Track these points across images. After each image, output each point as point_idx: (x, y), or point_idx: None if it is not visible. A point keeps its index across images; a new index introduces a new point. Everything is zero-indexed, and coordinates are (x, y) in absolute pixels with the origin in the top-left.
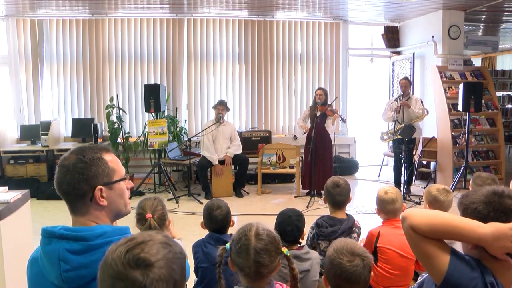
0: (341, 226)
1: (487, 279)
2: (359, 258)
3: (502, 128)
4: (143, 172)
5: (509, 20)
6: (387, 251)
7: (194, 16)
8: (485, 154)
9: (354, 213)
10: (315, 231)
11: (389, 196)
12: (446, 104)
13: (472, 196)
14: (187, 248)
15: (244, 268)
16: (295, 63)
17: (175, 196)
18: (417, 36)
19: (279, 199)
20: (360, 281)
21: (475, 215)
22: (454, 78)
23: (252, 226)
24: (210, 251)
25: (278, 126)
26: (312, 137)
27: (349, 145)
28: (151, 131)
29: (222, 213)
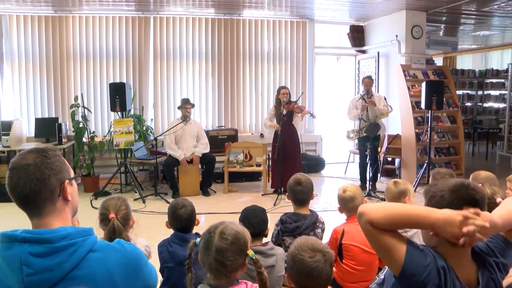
0: (304, 221)
1: (439, 264)
2: (320, 254)
3: (462, 126)
4: (109, 172)
5: (467, 22)
6: (351, 248)
7: (160, 14)
8: (447, 150)
9: (320, 210)
10: (279, 227)
11: (348, 194)
12: (410, 102)
13: (441, 185)
14: (152, 248)
15: (206, 264)
16: (262, 61)
17: (141, 195)
18: (382, 36)
19: (246, 198)
20: (322, 276)
21: (440, 202)
22: (417, 77)
23: (220, 224)
24: (175, 250)
25: (245, 124)
26: (279, 135)
27: (316, 142)
28: (117, 131)
29: (187, 212)
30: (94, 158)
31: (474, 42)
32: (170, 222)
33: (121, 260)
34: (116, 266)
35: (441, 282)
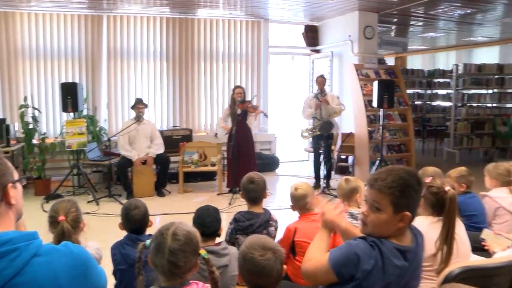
0: (258, 219)
1: (372, 255)
2: (271, 252)
3: (412, 123)
4: (61, 174)
5: (416, 24)
6: (304, 245)
7: (113, 13)
8: (398, 147)
9: (276, 208)
10: (233, 226)
11: (300, 192)
12: (363, 100)
13: (400, 178)
14: (106, 251)
15: (158, 267)
16: (217, 61)
17: (95, 198)
18: (335, 36)
19: (201, 197)
20: (272, 274)
21: (417, 194)
22: (369, 76)
23: (171, 225)
24: (128, 252)
25: (200, 124)
26: (233, 134)
27: (270, 141)
28: (69, 132)
29: (140, 213)
30: (45, 160)
31: (423, 43)
32: (123, 224)
33: (67, 263)
34: (62, 270)
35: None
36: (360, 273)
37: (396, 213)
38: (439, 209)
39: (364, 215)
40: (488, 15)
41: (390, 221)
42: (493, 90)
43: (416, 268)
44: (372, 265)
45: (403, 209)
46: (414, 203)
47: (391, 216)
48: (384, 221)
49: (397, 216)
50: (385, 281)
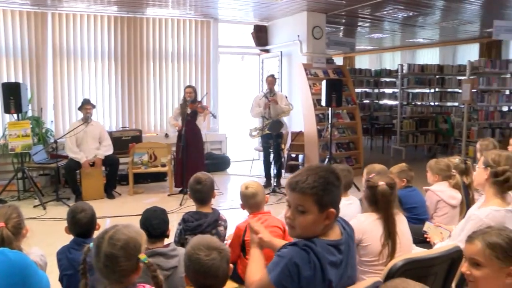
0: (206, 219)
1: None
2: (216, 252)
3: (360, 122)
4: (4, 178)
5: (363, 25)
6: None
7: (59, 10)
8: (347, 145)
9: (227, 208)
10: (181, 226)
11: (250, 190)
12: (312, 99)
13: (321, 176)
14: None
15: (97, 270)
16: (166, 60)
17: (41, 202)
18: (285, 36)
19: (152, 199)
20: (219, 274)
21: (335, 191)
22: (318, 76)
23: (111, 229)
24: (74, 257)
25: (150, 124)
26: (183, 135)
27: (221, 141)
28: (13, 134)
29: (87, 216)
30: None
31: (370, 43)
32: (69, 227)
33: (4, 271)
34: None
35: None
36: (303, 281)
37: (321, 211)
38: (373, 203)
39: (290, 219)
40: (428, 18)
41: (317, 221)
42: (435, 90)
43: (351, 258)
44: (312, 269)
45: (327, 206)
46: (336, 198)
47: (317, 216)
48: (311, 221)
49: (322, 214)
50: (326, 279)
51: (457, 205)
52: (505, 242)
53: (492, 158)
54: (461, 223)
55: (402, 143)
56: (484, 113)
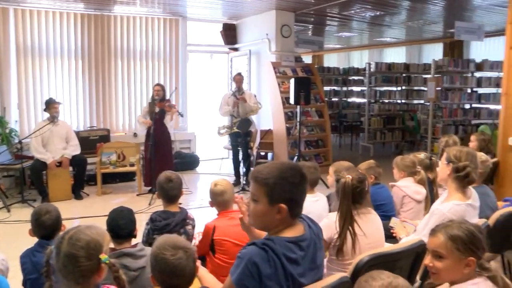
0: (174, 218)
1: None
2: (182, 251)
3: (328, 119)
4: None
5: (332, 24)
6: (223, 243)
7: (21, 6)
8: (316, 143)
9: (196, 207)
10: (149, 226)
11: (218, 188)
12: (280, 97)
13: (278, 170)
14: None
15: (58, 272)
16: (135, 59)
17: (5, 204)
18: (253, 34)
19: (120, 199)
20: (185, 273)
21: (291, 186)
22: (286, 74)
23: (72, 229)
24: (38, 260)
25: (118, 124)
26: (151, 133)
27: (190, 140)
28: None
29: (51, 218)
30: None
31: (338, 42)
32: (33, 230)
33: None
34: None
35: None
36: (264, 279)
37: (271, 204)
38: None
39: (247, 207)
40: (394, 18)
41: (266, 212)
42: (401, 87)
43: (316, 255)
44: (272, 267)
45: (278, 201)
46: (292, 196)
47: (266, 207)
48: (261, 211)
49: (273, 207)
50: (288, 276)
51: (422, 200)
52: (465, 235)
53: (453, 154)
54: (425, 218)
55: (370, 140)
56: (448, 111)
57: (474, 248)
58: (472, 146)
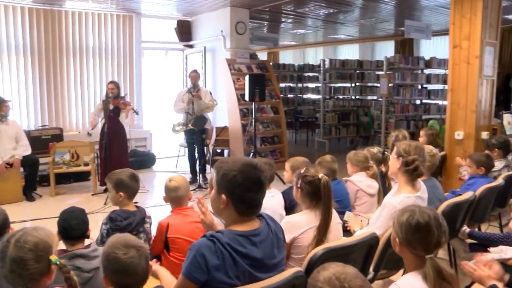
0: (135, 218)
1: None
2: (134, 250)
3: (284, 116)
4: None
5: (287, 21)
6: (177, 240)
7: None
8: (271, 139)
9: (153, 205)
10: (109, 226)
11: (173, 184)
12: (235, 94)
13: (232, 164)
14: None
15: (2, 278)
16: (87, 56)
17: None
18: (208, 31)
19: (75, 199)
20: (138, 272)
21: (233, 182)
22: (241, 71)
23: (18, 232)
24: None
25: (71, 122)
26: (105, 132)
27: (145, 138)
28: None
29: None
30: None
31: (293, 39)
32: None
33: None
34: None
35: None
36: (212, 270)
37: (218, 193)
38: (315, 198)
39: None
40: (348, 16)
41: (214, 198)
42: (355, 84)
43: (270, 251)
44: (219, 259)
45: (221, 191)
46: (238, 192)
47: (215, 193)
48: (212, 197)
49: (219, 196)
50: (238, 270)
51: (375, 193)
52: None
53: (403, 149)
54: (378, 210)
55: (325, 136)
56: (400, 106)
57: (398, 231)
58: (421, 141)
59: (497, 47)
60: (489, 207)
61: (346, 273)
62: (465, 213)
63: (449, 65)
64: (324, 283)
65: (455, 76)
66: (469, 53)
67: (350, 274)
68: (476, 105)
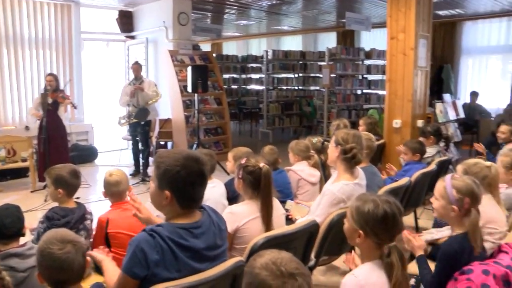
0: (73, 215)
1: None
2: (70, 245)
3: (227, 107)
4: None
5: (230, 12)
6: (118, 235)
7: None
8: (215, 130)
9: (95, 200)
10: (45, 225)
11: (114, 178)
12: (178, 86)
13: (173, 158)
14: None
15: None
16: (23, 47)
17: None
18: (150, 22)
19: (12, 197)
20: (74, 267)
21: (176, 178)
22: (184, 62)
23: None
24: None
25: (7, 116)
26: (44, 126)
27: (87, 132)
28: None
29: None
30: None
31: (237, 30)
32: None
33: None
34: None
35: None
36: (152, 265)
37: (159, 188)
38: (257, 187)
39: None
40: (291, 7)
41: (156, 194)
42: (298, 74)
43: (213, 242)
44: (158, 253)
45: (163, 187)
46: (181, 187)
47: (156, 189)
48: (153, 192)
49: (161, 192)
50: (179, 263)
51: (316, 182)
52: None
53: (341, 137)
54: (318, 198)
55: (269, 126)
56: (341, 96)
57: (363, 223)
58: (360, 130)
59: (429, 39)
60: (424, 192)
61: (282, 258)
62: (402, 198)
63: (387, 56)
64: (262, 269)
65: (393, 67)
66: (405, 44)
67: (285, 258)
68: (412, 94)
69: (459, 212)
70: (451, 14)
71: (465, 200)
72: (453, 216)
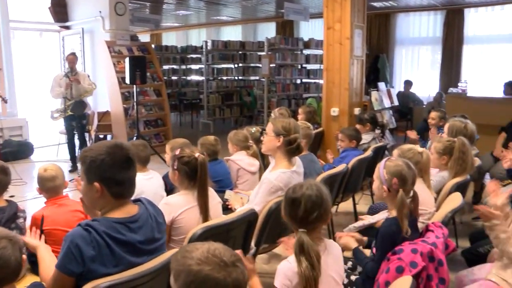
0: (4, 214)
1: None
2: (6, 240)
3: (167, 98)
4: None
5: (169, 2)
6: (54, 232)
7: None
8: (155, 122)
9: (31, 198)
10: None
11: (49, 173)
12: (116, 78)
13: (96, 149)
14: None
15: None
16: None
17: None
18: (86, 11)
19: None
20: (10, 264)
21: (102, 166)
22: (122, 53)
23: None
24: None
25: None
26: None
27: (21, 126)
28: None
29: None
30: None
31: (176, 20)
32: None
33: None
34: None
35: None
36: (87, 261)
37: (89, 182)
38: (193, 178)
39: None
40: None
41: (87, 190)
42: (238, 65)
43: (151, 235)
44: (94, 249)
45: (93, 179)
46: (109, 175)
47: (86, 185)
48: (84, 189)
49: (91, 186)
50: (116, 258)
51: (256, 171)
52: None
53: (282, 127)
54: (256, 187)
55: (209, 117)
56: (281, 86)
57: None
58: (300, 118)
59: (364, 30)
60: (361, 178)
61: (218, 248)
62: (340, 184)
63: (324, 46)
64: (202, 264)
65: (330, 56)
66: (341, 34)
67: (220, 247)
68: (348, 83)
69: (389, 193)
70: (385, 6)
71: (393, 181)
72: (386, 196)
